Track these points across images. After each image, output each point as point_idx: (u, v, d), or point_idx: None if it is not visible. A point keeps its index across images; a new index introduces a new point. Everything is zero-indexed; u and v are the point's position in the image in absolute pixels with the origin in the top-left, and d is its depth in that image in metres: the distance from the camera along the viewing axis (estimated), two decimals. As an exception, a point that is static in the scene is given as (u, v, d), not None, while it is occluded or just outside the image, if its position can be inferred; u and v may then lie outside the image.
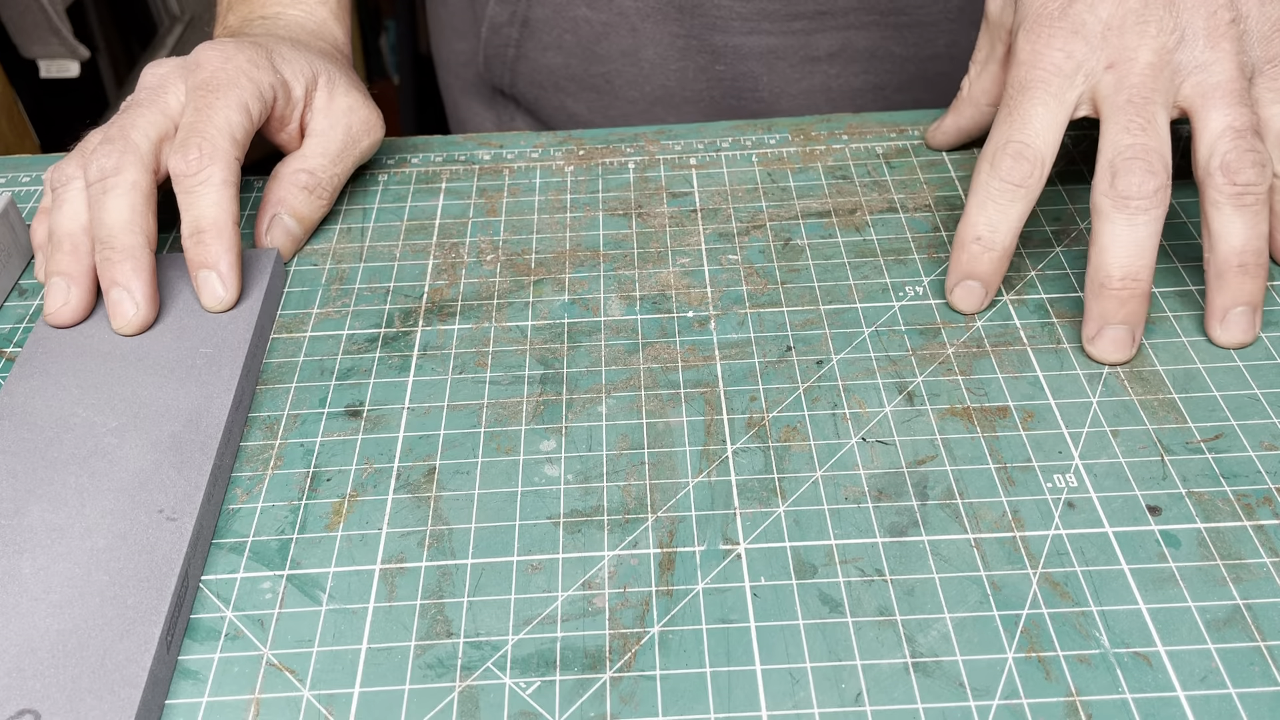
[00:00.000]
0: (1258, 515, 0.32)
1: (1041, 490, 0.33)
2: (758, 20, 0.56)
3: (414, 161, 0.49)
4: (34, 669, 0.28)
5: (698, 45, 0.57)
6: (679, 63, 0.58)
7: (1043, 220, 0.44)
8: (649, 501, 0.33)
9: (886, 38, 0.57)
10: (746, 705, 0.28)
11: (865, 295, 0.41)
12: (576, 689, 0.28)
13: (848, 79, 0.59)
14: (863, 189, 0.46)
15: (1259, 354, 0.37)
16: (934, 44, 0.58)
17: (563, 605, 0.30)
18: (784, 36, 0.57)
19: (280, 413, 0.37)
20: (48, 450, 0.34)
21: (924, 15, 0.56)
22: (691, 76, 0.59)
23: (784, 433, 0.35)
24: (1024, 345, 0.38)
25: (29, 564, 0.30)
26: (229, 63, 0.41)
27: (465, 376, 0.38)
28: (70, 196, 0.39)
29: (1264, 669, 0.28)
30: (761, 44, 0.57)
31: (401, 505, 0.33)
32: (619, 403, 0.37)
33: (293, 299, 0.42)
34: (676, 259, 0.43)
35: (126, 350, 0.37)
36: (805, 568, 0.31)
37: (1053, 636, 0.29)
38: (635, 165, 0.48)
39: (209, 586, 0.31)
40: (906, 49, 0.58)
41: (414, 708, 0.28)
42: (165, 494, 0.32)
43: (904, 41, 0.58)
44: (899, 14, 0.56)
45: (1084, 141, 0.48)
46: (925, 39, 0.58)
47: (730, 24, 0.56)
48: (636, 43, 0.58)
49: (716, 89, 0.59)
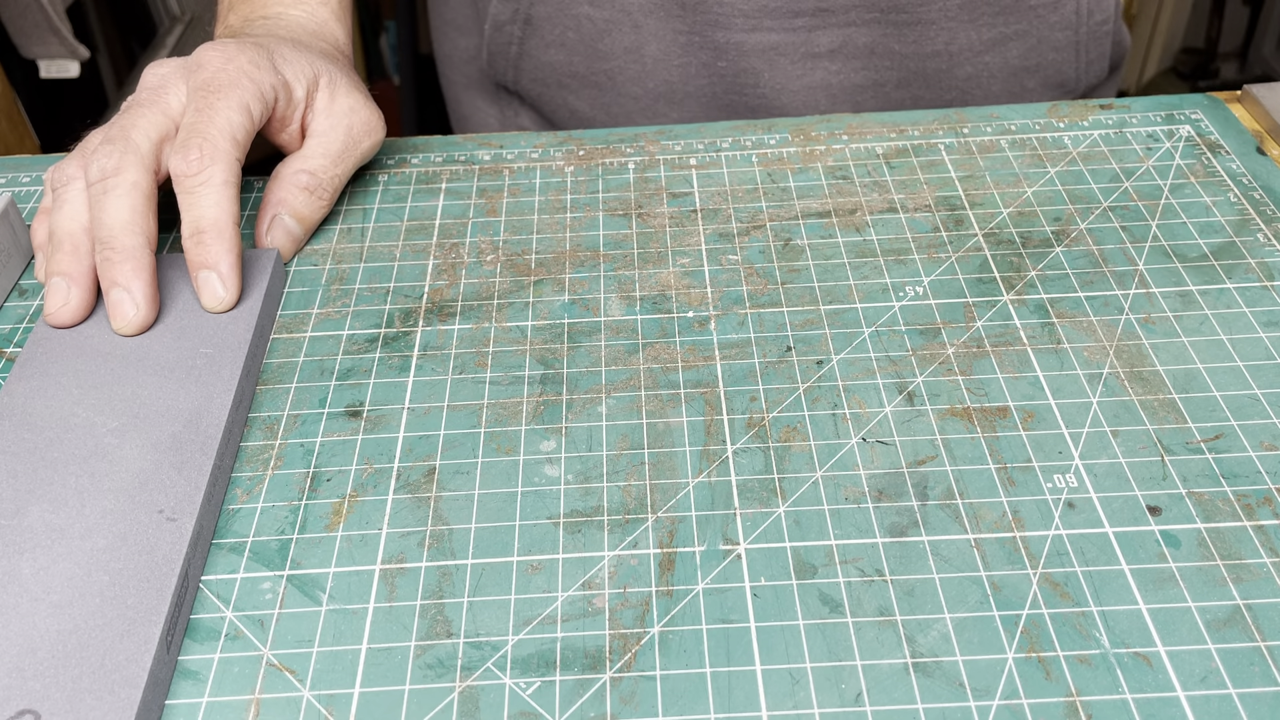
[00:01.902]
0: (1258, 515, 0.32)
1: (1041, 490, 0.33)
2: (759, 17, 0.56)
3: (414, 161, 0.49)
4: (34, 669, 0.28)
5: (700, 42, 0.57)
6: (681, 59, 0.58)
7: (1043, 220, 0.44)
8: (649, 502, 0.33)
9: (886, 35, 0.58)
10: (746, 705, 0.28)
11: (865, 295, 0.41)
12: (576, 689, 0.28)
13: (848, 75, 0.59)
14: (863, 189, 0.46)
15: (1259, 354, 0.37)
16: (933, 41, 0.58)
17: (563, 605, 0.30)
18: (785, 34, 0.57)
19: (280, 413, 0.37)
20: (48, 450, 0.34)
21: (923, 13, 0.57)
22: (694, 73, 0.59)
23: (784, 433, 0.35)
24: (1024, 345, 0.38)
25: (29, 564, 0.30)
26: (230, 64, 0.41)
27: (465, 377, 0.38)
28: (71, 197, 0.39)
29: (1264, 669, 0.28)
30: (763, 41, 0.57)
31: (401, 505, 0.33)
32: (619, 403, 0.37)
33: (293, 299, 0.42)
34: (676, 259, 0.43)
35: (126, 350, 0.37)
36: (805, 568, 0.31)
37: (1053, 637, 0.29)
38: (635, 165, 0.48)
39: (209, 587, 0.31)
40: (906, 46, 0.58)
41: (414, 708, 0.28)
42: (165, 494, 0.32)
43: (903, 39, 0.58)
44: (898, 11, 0.57)
45: (1084, 141, 0.48)
46: (924, 36, 0.58)
47: (732, 21, 0.56)
48: (639, 39, 0.58)
49: (719, 84, 0.59)
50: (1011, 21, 0.59)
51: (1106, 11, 0.61)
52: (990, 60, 0.60)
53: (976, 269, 0.42)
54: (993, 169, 0.47)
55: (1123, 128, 0.49)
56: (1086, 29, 0.60)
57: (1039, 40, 0.60)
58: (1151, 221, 0.43)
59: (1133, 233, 0.43)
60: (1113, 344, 0.38)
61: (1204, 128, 0.49)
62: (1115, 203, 0.45)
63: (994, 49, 0.59)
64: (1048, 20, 0.59)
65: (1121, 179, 0.46)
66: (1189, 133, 0.48)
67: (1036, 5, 0.58)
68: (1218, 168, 0.46)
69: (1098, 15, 0.60)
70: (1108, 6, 0.61)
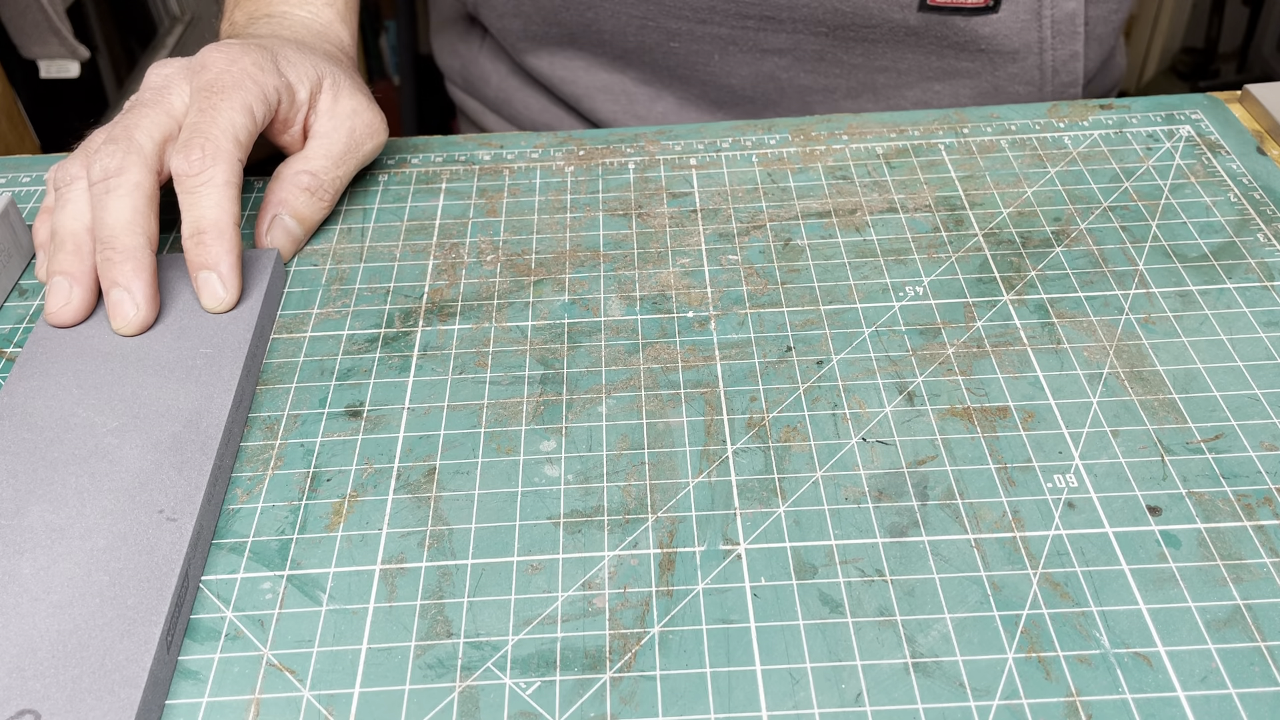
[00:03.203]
0: (1258, 515, 0.32)
1: (1041, 490, 0.33)
2: (708, 14, 0.57)
3: (414, 161, 0.49)
4: (34, 669, 0.28)
5: (653, 26, 0.59)
6: (636, 37, 0.59)
7: (1043, 220, 0.44)
8: (649, 502, 0.33)
9: (835, 46, 0.58)
10: (746, 705, 0.28)
11: (865, 295, 0.41)
12: (576, 689, 0.28)
13: (797, 74, 0.60)
14: (863, 189, 0.46)
15: (1259, 354, 0.37)
16: (881, 58, 0.58)
17: (563, 605, 0.30)
18: (734, 29, 0.58)
19: (280, 413, 0.37)
20: (48, 450, 0.34)
21: (871, 35, 0.57)
22: (650, 46, 0.60)
23: (784, 433, 0.35)
24: (1024, 345, 0.38)
25: (29, 564, 0.30)
26: (234, 65, 0.41)
27: (465, 377, 0.38)
28: (73, 196, 0.39)
29: (1264, 669, 0.28)
30: (714, 32, 0.58)
31: (401, 505, 0.33)
32: (619, 403, 0.37)
33: (293, 299, 0.42)
34: (676, 259, 0.43)
35: (127, 350, 0.37)
36: (805, 568, 0.31)
37: (1053, 637, 0.29)
38: (635, 165, 0.48)
39: (209, 587, 0.31)
40: (854, 58, 0.58)
41: (414, 708, 0.28)
42: (165, 494, 0.32)
43: (851, 52, 0.58)
44: (846, 30, 0.56)
45: (1084, 141, 0.48)
46: (872, 51, 0.58)
47: (682, 13, 0.57)
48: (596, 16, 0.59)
49: (672, 59, 0.60)
50: (963, 58, 0.58)
51: (1074, 74, 0.59)
52: (941, 89, 0.60)
53: (976, 269, 0.42)
54: (993, 169, 0.47)
55: (1123, 128, 0.49)
56: (1052, 88, 0.59)
57: (994, 87, 0.59)
58: (1151, 221, 0.43)
59: (1133, 233, 0.43)
60: (1113, 344, 0.38)
61: (1204, 128, 0.49)
62: (1115, 203, 0.45)
63: (945, 79, 0.59)
64: (1005, 70, 0.58)
65: (1121, 179, 0.46)
66: (1189, 133, 0.48)
67: (989, 50, 0.57)
68: (1218, 168, 0.46)
69: (1064, 76, 0.59)
70: (1076, 70, 0.59)
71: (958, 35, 0.56)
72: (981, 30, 0.56)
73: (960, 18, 0.55)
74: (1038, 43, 0.57)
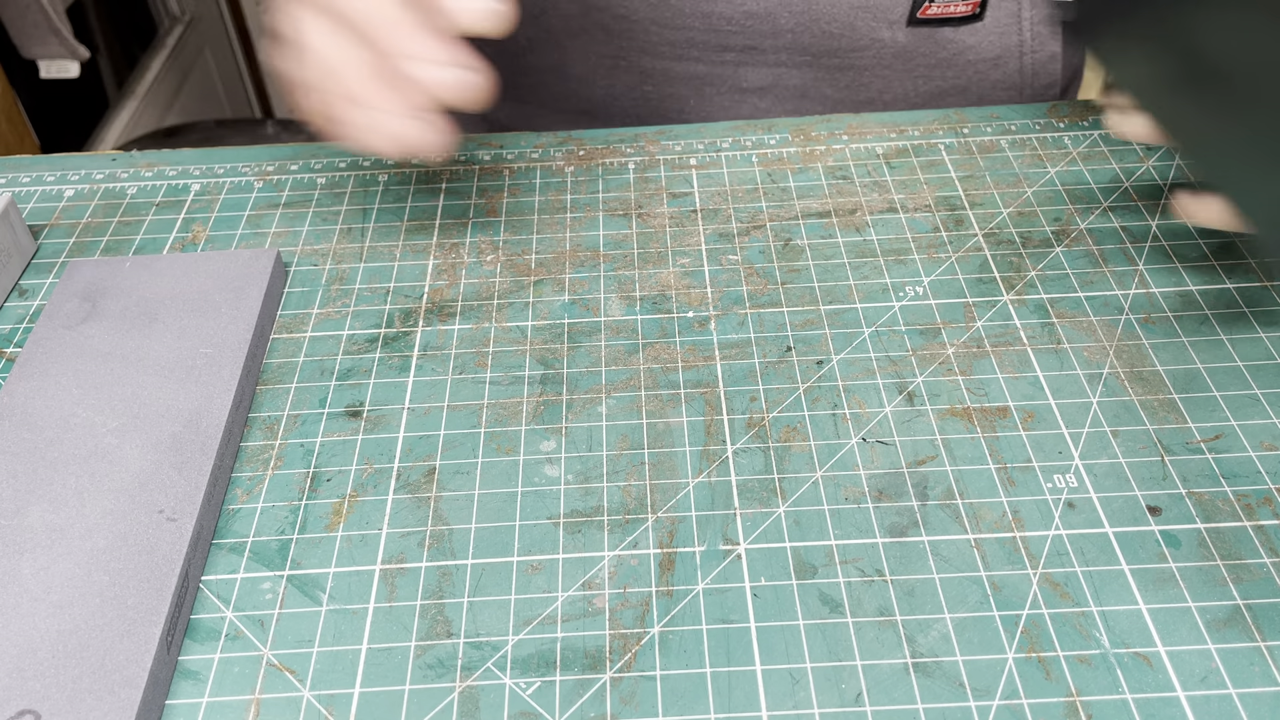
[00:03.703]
0: (1258, 515, 0.32)
1: (1041, 490, 0.33)
2: (686, 48, 0.55)
3: (414, 161, 0.49)
4: (34, 669, 0.28)
5: (626, 65, 0.57)
6: (606, 80, 0.57)
7: (1043, 220, 0.44)
8: (649, 502, 0.33)
9: (819, 79, 0.57)
10: (746, 705, 0.28)
11: (865, 295, 0.41)
12: (576, 689, 0.28)
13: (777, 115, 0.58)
14: (863, 189, 0.46)
15: (1259, 354, 0.37)
16: (867, 89, 0.57)
17: (563, 605, 0.30)
18: (713, 65, 0.56)
19: (280, 413, 0.37)
20: (48, 450, 0.34)
21: (857, 59, 0.55)
22: (619, 94, 0.58)
23: (784, 433, 0.35)
24: (1024, 345, 0.38)
25: (29, 564, 0.30)
26: None
27: (465, 377, 0.38)
28: None
29: (1264, 669, 0.28)
30: (690, 70, 0.56)
31: (401, 505, 0.33)
32: (619, 403, 0.37)
33: (293, 299, 0.42)
34: (676, 259, 0.43)
35: (127, 350, 0.37)
36: (805, 568, 0.31)
37: (1053, 636, 0.29)
38: (635, 165, 0.48)
39: (209, 587, 0.31)
40: (839, 91, 0.57)
41: (414, 708, 0.28)
42: (165, 494, 0.32)
43: (836, 84, 0.57)
44: (831, 56, 0.55)
45: (1084, 141, 0.48)
46: (858, 82, 0.57)
47: (659, 49, 0.55)
48: (563, 59, 0.57)
49: (643, 107, 0.58)
50: (949, 75, 0.57)
51: (1053, 76, 0.58)
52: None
53: (976, 269, 0.42)
54: (993, 169, 0.47)
55: (1123, 128, 0.49)
56: (1031, 91, 0.59)
57: (979, 97, 0.58)
58: (1151, 221, 0.43)
59: (1133, 233, 0.43)
60: (1113, 344, 0.38)
61: (1204, 128, 0.49)
62: (1115, 203, 0.45)
63: (931, 102, 0.58)
64: (989, 78, 0.58)
65: (1121, 179, 0.46)
66: (1189, 133, 0.48)
67: (976, 61, 0.57)
68: (1218, 168, 0.46)
69: (1043, 78, 0.58)
70: (1054, 72, 0.58)
71: (945, 49, 0.56)
72: (968, 40, 0.55)
73: (949, 29, 0.55)
74: (1018, 46, 0.56)
